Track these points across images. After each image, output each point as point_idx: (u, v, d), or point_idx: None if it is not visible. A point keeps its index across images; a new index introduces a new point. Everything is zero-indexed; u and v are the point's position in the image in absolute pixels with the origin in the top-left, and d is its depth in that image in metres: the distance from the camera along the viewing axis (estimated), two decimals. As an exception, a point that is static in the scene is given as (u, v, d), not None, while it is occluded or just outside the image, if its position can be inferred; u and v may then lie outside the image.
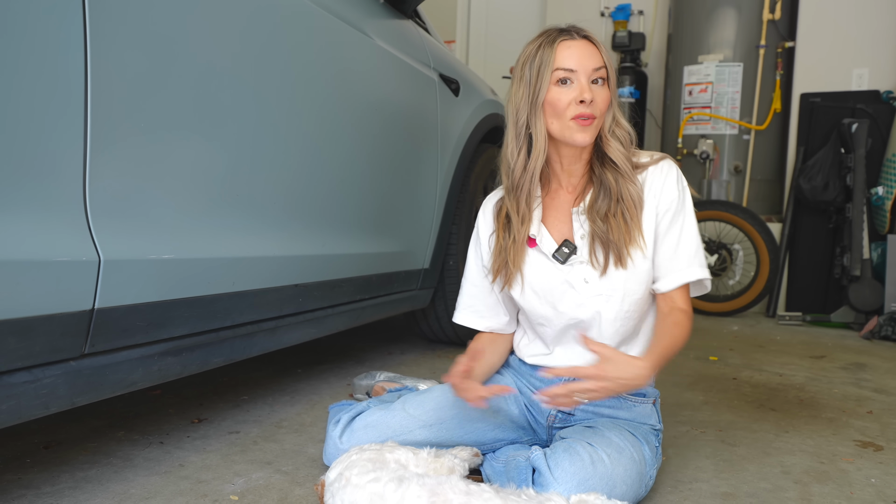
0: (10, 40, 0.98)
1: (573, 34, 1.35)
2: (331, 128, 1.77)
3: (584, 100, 1.31)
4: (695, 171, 4.52)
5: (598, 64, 1.33)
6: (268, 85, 1.53)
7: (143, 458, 1.48)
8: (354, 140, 1.89)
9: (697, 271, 1.39)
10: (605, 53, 1.35)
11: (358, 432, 1.40)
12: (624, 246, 1.35)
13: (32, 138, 1.02)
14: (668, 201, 1.38)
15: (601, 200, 1.37)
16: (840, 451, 1.68)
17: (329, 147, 1.77)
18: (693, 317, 1.40)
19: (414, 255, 2.30)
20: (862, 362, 2.84)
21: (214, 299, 1.40)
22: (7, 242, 0.98)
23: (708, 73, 4.47)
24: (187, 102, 1.31)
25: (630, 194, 1.36)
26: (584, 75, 1.32)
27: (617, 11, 5.21)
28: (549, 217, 1.45)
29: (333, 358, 2.53)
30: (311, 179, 1.71)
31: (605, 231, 1.36)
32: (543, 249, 1.43)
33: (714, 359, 2.81)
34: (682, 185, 1.40)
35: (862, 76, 4.24)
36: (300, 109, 1.64)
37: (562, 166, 1.43)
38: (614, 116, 1.39)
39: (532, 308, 1.46)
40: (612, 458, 1.23)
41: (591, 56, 1.33)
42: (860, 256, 3.75)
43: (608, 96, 1.35)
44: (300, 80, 1.64)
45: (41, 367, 1.06)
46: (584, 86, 1.31)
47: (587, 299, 1.39)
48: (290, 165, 1.63)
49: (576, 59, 1.32)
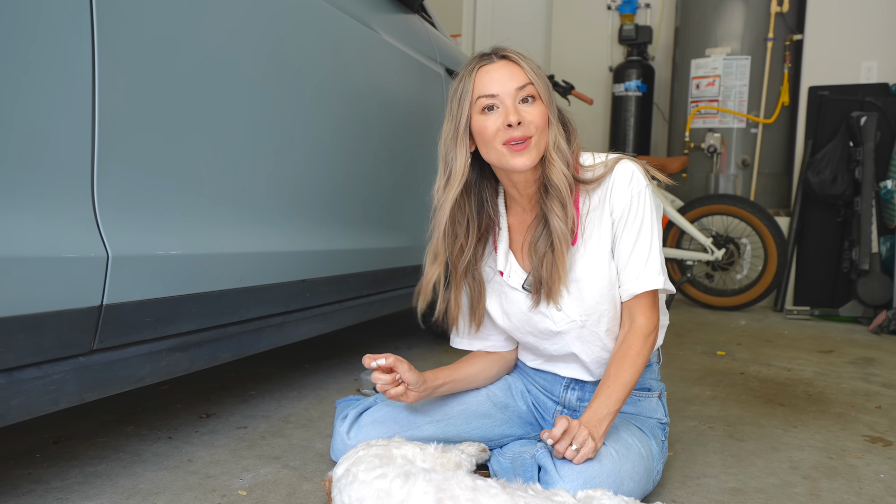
0: (20, 38, 0.98)
1: (493, 57, 1.29)
2: (337, 123, 1.77)
3: (510, 123, 1.24)
4: (702, 164, 4.50)
5: (522, 82, 1.27)
6: (274, 80, 1.52)
7: (151, 453, 1.49)
8: (361, 135, 1.88)
9: (645, 283, 1.31)
10: (530, 69, 1.28)
11: (365, 428, 1.40)
12: (555, 283, 1.31)
13: (41, 135, 1.02)
14: (620, 209, 1.31)
15: (542, 237, 1.32)
16: (849, 446, 1.67)
17: (335, 142, 1.77)
18: (655, 327, 1.33)
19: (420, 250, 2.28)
20: (871, 357, 2.83)
21: (222, 295, 1.41)
22: (16, 239, 0.98)
23: (715, 66, 4.44)
24: (194, 98, 1.31)
25: (557, 230, 1.29)
26: (508, 98, 1.26)
27: (624, 4, 5.18)
28: (516, 241, 1.41)
29: (340, 353, 2.53)
30: (318, 175, 1.71)
31: (539, 268, 1.32)
32: (512, 283, 1.39)
33: (722, 353, 2.80)
34: (635, 190, 1.31)
35: (871, 69, 4.21)
36: (306, 105, 1.64)
37: (519, 192, 1.36)
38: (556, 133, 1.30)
39: (513, 334, 1.47)
40: (619, 453, 1.23)
41: (513, 76, 1.27)
42: (869, 250, 3.73)
43: (541, 112, 1.27)
44: (306, 76, 1.63)
45: (50, 363, 1.07)
46: (509, 108, 1.25)
47: (562, 326, 1.37)
48: (296, 161, 1.63)
49: (496, 83, 1.27)
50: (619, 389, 1.27)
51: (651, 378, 1.47)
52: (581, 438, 1.18)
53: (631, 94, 5.00)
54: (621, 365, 1.29)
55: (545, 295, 1.33)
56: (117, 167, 1.15)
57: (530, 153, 1.26)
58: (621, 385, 1.27)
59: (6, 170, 0.98)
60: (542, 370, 1.49)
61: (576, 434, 1.18)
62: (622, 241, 1.32)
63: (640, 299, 1.33)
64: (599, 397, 1.26)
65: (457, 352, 1.57)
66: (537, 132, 1.27)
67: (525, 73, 1.28)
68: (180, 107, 1.28)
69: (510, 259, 1.40)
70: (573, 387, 1.46)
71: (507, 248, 1.40)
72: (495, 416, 1.46)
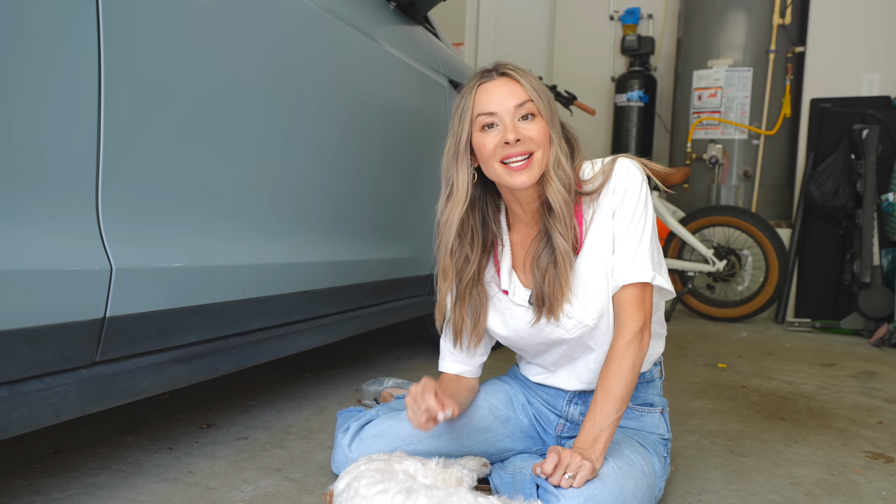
0: (27, 51, 0.98)
1: (493, 74, 1.29)
2: (340, 134, 1.77)
3: (507, 141, 1.24)
4: (704, 175, 4.51)
5: (521, 99, 1.26)
6: (278, 92, 1.53)
7: (152, 463, 1.49)
8: (364, 146, 1.89)
9: (631, 274, 1.28)
10: (530, 86, 1.27)
11: (367, 441, 1.40)
12: (557, 300, 1.31)
13: (46, 148, 1.02)
14: (615, 202, 1.31)
15: (544, 253, 1.31)
16: (850, 462, 1.67)
17: (338, 153, 1.78)
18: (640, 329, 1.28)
19: (422, 261, 2.30)
20: (872, 370, 2.82)
21: (224, 307, 1.41)
22: (20, 252, 0.98)
23: (717, 77, 4.46)
24: (198, 112, 1.31)
25: (560, 247, 1.28)
26: (507, 115, 1.26)
27: (626, 15, 5.21)
28: (518, 258, 1.40)
29: (341, 363, 2.53)
30: (320, 186, 1.71)
31: (542, 284, 1.31)
32: (516, 300, 1.39)
33: (723, 366, 2.80)
34: (629, 183, 1.30)
35: (873, 81, 4.22)
36: (310, 116, 1.64)
37: (522, 208, 1.35)
38: (557, 152, 1.28)
39: (518, 349, 1.49)
40: (622, 470, 1.22)
41: (512, 94, 1.26)
42: (870, 263, 3.73)
43: (542, 129, 1.27)
44: (310, 88, 1.64)
45: (52, 375, 1.07)
46: (507, 126, 1.25)
47: (564, 333, 1.36)
48: (299, 173, 1.63)
49: (495, 101, 1.26)
50: (611, 403, 1.24)
51: (654, 393, 1.47)
52: (575, 466, 1.15)
53: (633, 104, 5.01)
54: (606, 376, 1.26)
55: (546, 311, 1.33)
56: (121, 179, 1.15)
57: (531, 171, 1.26)
58: (612, 398, 1.24)
59: (10, 183, 0.98)
60: (546, 384, 1.49)
61: (568, 463, 1.16)
62: (616, 233, 1.31)
63: (625, 294, 1.29)
64: (591, 416, 1.24)
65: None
66: (539, 148, 1.27)
67: (525, 90, 1.27)
68: (184, 119, 1.28)
69: (513, 278, 1.39)
70: (576, 401, 1.46)
71: (510, 267, 1.40)
72: (497, 430, 1.46)
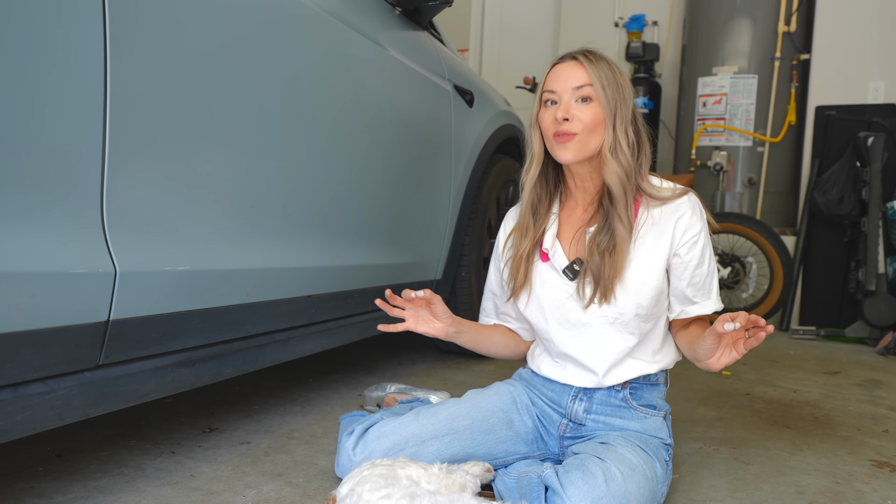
0: (32, 54, 0.98)
1: (567, 57, 1.41)
2: (345, 139, 1.78)
3: (557, 117, 1.36)
4: (708, 182, 4.50)
5: (580, 83, 1.36)
6: (283, 97, 1.53)
7: (154, 467, 1.48)
8: (369, 151, 1.89)
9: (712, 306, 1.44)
10: (595, 73, 1.36)
11: (372, 443, 1.40)
12: (611, 283, 1.38)
13: (51, 151, 1.02)
14: (689, 236, 1.39)
15: (602, 234, 1.39)
16: (856, 470, 1.66)
17: (343, 158, 1.78)
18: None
19: (427, 266, 2.30)
20: (877, 379, 2.81)
21: (228, 310, 1.41)
22: (25, 254, 0.98)
23: (722, 84, 4.45)
24: (204, 115, 1.31)
25: (618, 232, 1.37)
26: (566, 94, 1.37)
27: (631, 22, 5.20)
28: (564, 233, 1.49)
29: (345, 368, 2.53)
30: (325, 191, 1.72)
31: (599, 266, 1.38)
32: (555, 265, 1.47)
33: (727, 373, 2.79)
34: (703, 223, 1.41)
35: (878, 89, 4.21)
36: (315, 121, 1.65)
37: (575, 183, 1.47)
38: (616, 138, 1.37)
39: (537, 321, 1.50)
40: (625, 475, 1.22)
41: (575, 76, 1.37)
42: (875, 271, 3.72)
43: (594, 114, 1.36)
44: (315, 92, 1.64)
45: (56, 378, 1.07)
46: (564, 104, 1.36)
47: (592, 318, 1.42)
48: (304, 177, 1.63)
49: (559, 81, 1.38)
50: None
51: (658, 397, 1.48)
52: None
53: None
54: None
55: (601, 293, 1.39)
56: (126, 182, 1.15)
57: (573, 148, 1.36)
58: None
59: (15, 185, 0.98)
60: (553, 379, 1.49)
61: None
62: (688, 267, 1.40)
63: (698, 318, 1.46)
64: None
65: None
66: (585, 131, 1.36)
67: (588, 74, 1.36)
68: (190, 124, 1.28)
69: (556, 245, 1.47)
70: (581, 397, 1.46)
71: (554, 234, 1.48)
72: (500, 432, 1.46)
